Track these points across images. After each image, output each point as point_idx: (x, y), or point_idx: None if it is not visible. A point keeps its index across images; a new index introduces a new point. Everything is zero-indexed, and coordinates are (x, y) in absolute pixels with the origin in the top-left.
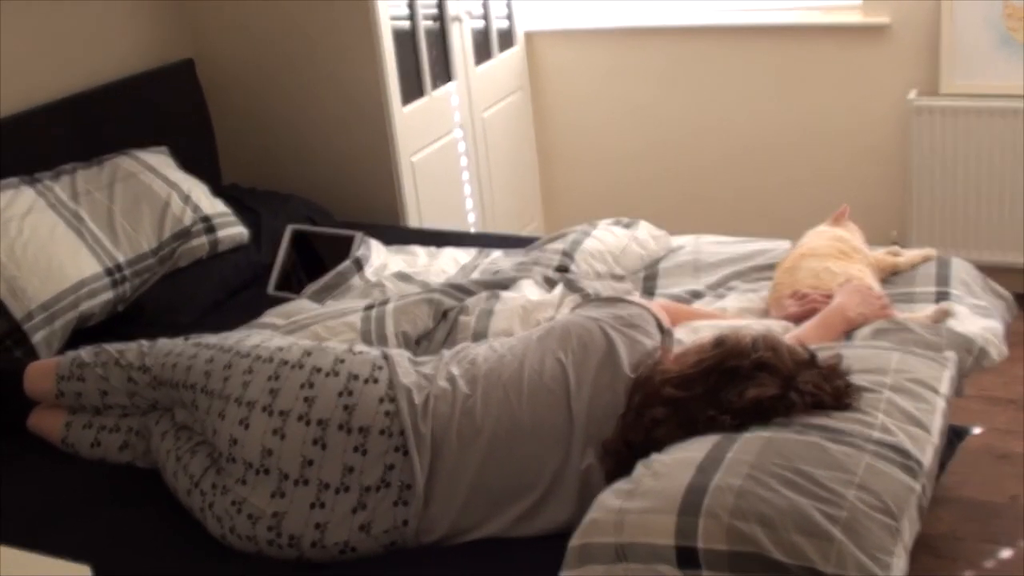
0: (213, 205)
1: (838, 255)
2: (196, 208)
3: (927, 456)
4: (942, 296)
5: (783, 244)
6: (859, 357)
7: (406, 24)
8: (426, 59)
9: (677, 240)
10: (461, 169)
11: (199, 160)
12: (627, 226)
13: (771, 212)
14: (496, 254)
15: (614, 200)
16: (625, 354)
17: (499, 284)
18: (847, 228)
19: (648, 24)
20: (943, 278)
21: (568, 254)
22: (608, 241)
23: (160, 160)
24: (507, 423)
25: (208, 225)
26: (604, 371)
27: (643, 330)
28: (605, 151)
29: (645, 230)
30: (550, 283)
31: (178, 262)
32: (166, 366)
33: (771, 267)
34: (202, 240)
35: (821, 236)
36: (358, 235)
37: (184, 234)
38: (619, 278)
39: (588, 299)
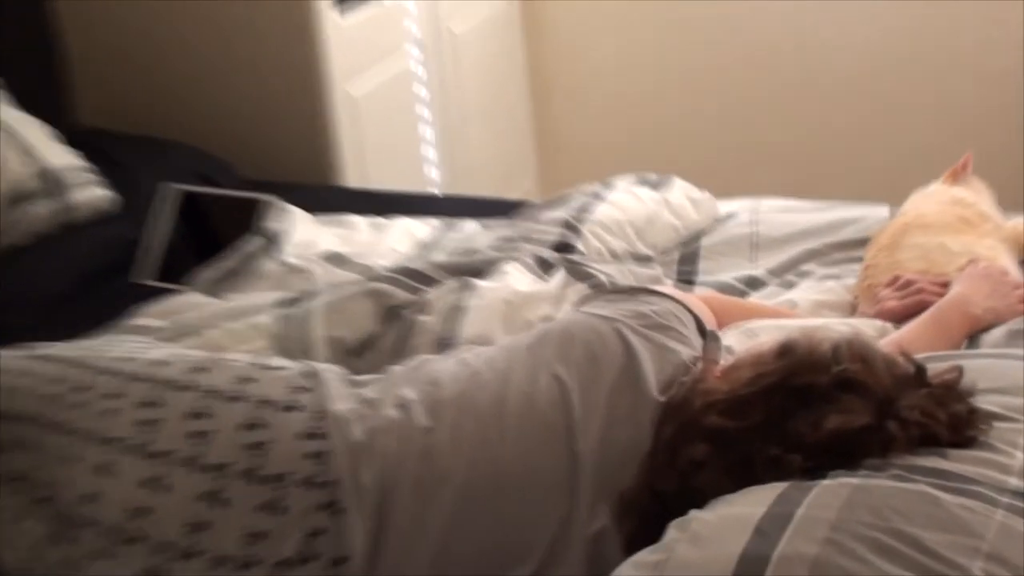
0: (62, 156)
1: (958, 226)
2: (37, 161)
3: None
4: None
5: (878, 211)
6: (987, 371)
7: None
8: None
9: (726, 206)
10: (419, 105)
11: (43, 96)
12: (655, 186)
13: (859, 166)
14: (469, 226)
15: (635, 151)
16: (652, 369)
17: (473, 269)
18: (971, 187)
19: None
20: None
21: (572, 226)
22: (629, 207)
23: None
24: (485, 468)
25: (54, 185)
26: (622, 393)
27: (677, 334)
28: (623, 84)
29: (681, 192)
30: (546, 267)
31: (10, 238)
32: None
33: (861, 244)
34: (46, 206)
35: (933, 199)
36: (270, 200)
37: (19, 198)
38: (644, 260)
39: (600, 291)
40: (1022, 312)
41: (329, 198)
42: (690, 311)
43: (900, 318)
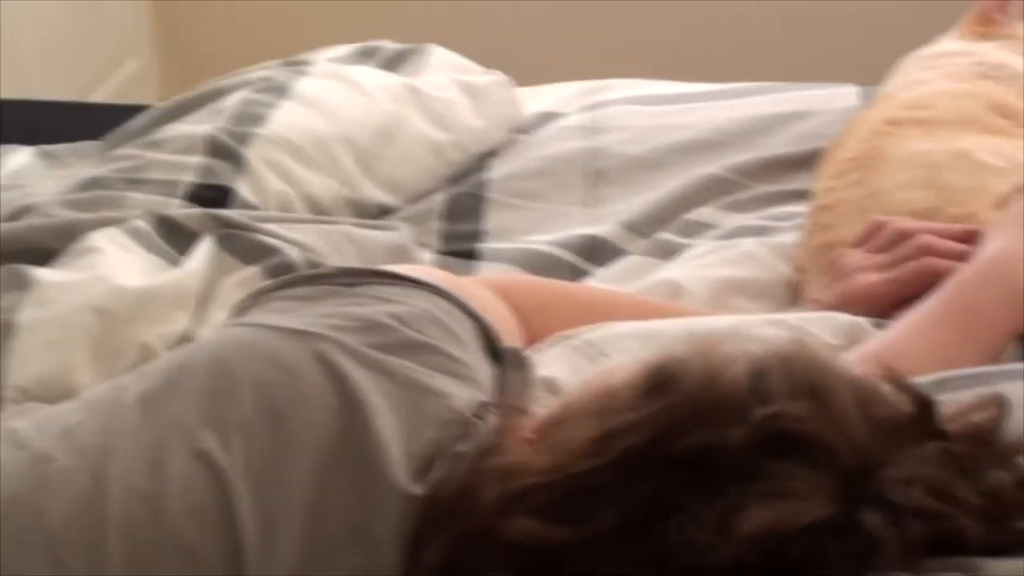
0: None
1: (989, 120)
2: None
3: None
4: None
5: (838, 96)
6: None
7: None
8: None
9: (537, 98)
10: None
11: None
12: (394, 63)
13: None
14: (17, 160)
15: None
16: (396, 432)
17: (29, 248)
18: (1019, 39)
19: None
20: None
21: (227, 151)
22: (341, 110)
23: None
24: None
25: None
26: (336, 482)
27: (445, 359)
28: None
29: (446, 74)
30: (176, 237)
31: None
32: None
33: (808, 162)
34: None
35: (943, 69)
36: None
37: None
38: (377, 214)
39: (287, 281)
40: None
41: None
42: (470, 313)
43: (886, 306)
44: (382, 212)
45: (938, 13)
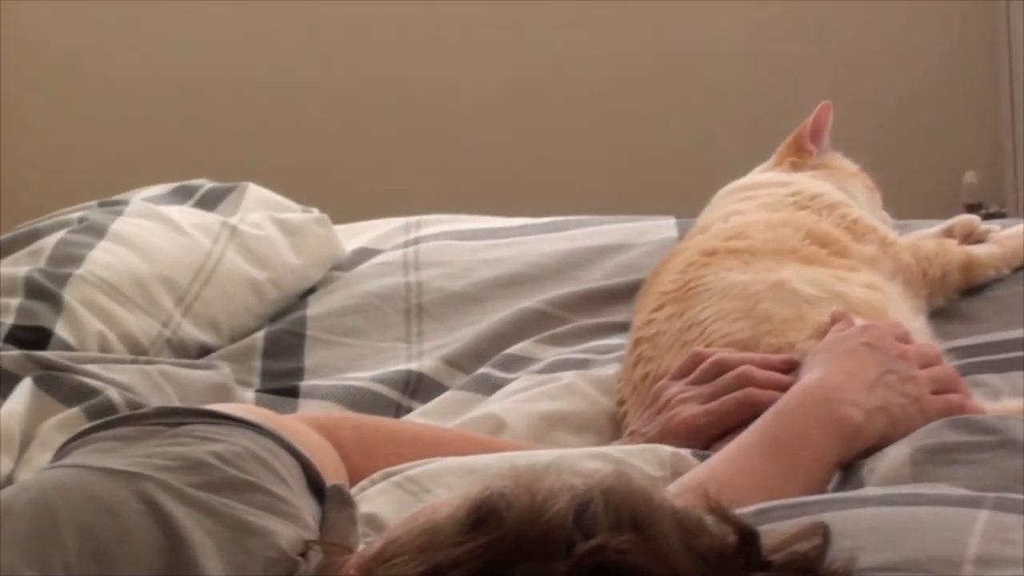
0: None
1: (807, 249)
2: None
3: None
4: None
5: (657, 229)
6: (880, 532)
7: None
8: None
9: (355, 235)
10: None
11: None
12: (211, 202)
13: (624, 149)
14: None
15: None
16: (221, 568)
17: None
18: (833, 172)
19: None
20: None
21: (43, 291)
22: (157, 248)
23: None
24: None
25: None
26: None
27: (268, 497)
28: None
29: (263, 211)
30: None
31: None
32: None
33: (627, 294)
34: None
35: (759, 199)
36: None
37: None
38: (196, 354)
39: (108, 422)
40: (938, 412)
41: None
42: (292, 451)
43: (708, 437)
44: (202, 351)
45: (752, 144)
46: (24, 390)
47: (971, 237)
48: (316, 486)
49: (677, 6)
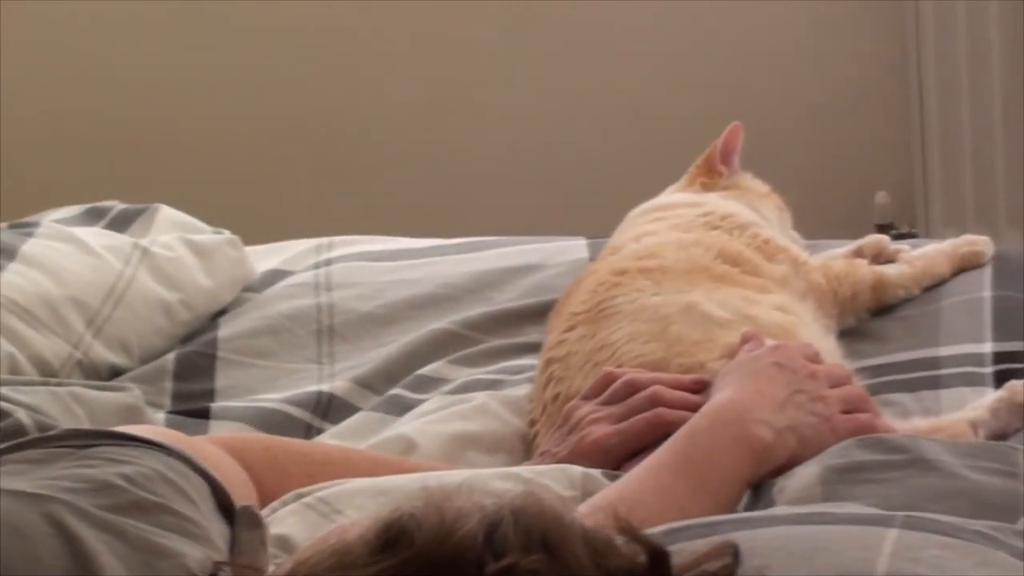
0: None
1: (718, 269)
2: None
3: None
4: (1012, 358)
5: (568, 249)
6: (789, 550)
7: None
8: None
9: (264, 257)
10: None
11: None
12: (121, 223)
13: (530, 168)
14: None
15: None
16: None
17: None
18: (744, 193)
19: None
20: (1005, 311)
21: None
22: (67, 270)
23: None
24: None
25: None
26: None
27: (177, 519)
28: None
29: (174, 233)
30: None
31: None
32: None
33: (539, 315)
34: None
35: (669, 220)
36: None
37: None
38: (107, 376)
39: (16, 444)
40: (848, 432)
41: None
42: (202, 472)
43: (619, 457)
44: (113, 373)
45: (663, 164)
46: None
47: (881, 257)
48: (226, 507)
49: (587, 28)
